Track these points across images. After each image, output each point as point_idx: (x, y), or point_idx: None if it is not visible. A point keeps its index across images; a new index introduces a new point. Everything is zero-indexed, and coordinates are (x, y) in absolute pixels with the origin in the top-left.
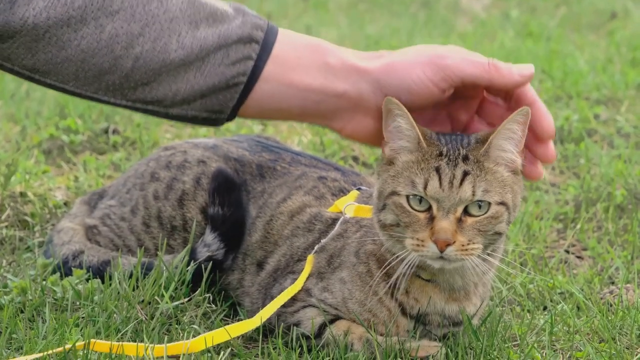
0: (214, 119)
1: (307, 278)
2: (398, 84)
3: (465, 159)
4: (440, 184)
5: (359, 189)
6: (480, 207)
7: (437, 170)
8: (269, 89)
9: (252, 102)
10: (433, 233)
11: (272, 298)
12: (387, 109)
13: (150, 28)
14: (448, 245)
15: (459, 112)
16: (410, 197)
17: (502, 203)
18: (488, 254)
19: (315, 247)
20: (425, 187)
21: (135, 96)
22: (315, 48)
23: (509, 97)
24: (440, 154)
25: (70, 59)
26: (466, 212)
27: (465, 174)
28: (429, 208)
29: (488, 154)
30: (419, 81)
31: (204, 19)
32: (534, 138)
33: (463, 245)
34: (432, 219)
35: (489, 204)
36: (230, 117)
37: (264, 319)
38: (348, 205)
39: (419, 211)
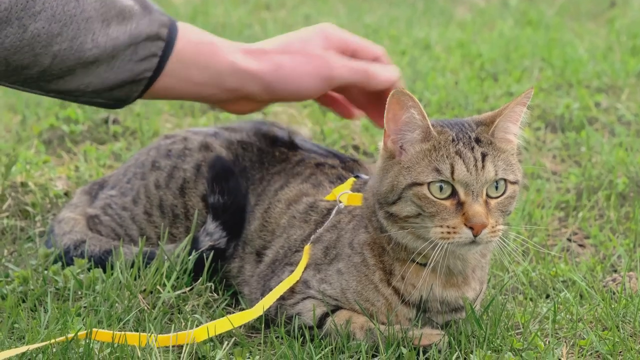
0: (117, 105)
1: (305, 270)
2: (287, 89)
3: (478, 141)
4: (467, 167)
5: (356, 177)
6: (497, 188)
7: (459, 154)
8: (169, 82)
9: (153, 91)
10: (467, 218)
11: (271, 291)
12: (398, 101)
13: (68, 28)
14: (484, 228)
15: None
16: (431, 185)
17: (516, 182)
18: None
19: (312, 238)
20: (452, 173)
21: (49, 87)
22: (210, 47)
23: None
24: (454, 140)
25: None
26: (486, 194)
27: (484, 155)
28: (452, 194)
29: (495, 135)
30: (306, 90)
31: (114, 17)
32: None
33: (493, 227)
34: (460, 204)
35: (505, 183)
36: (131, 103)
37: (265, 308)
38: (342, 194)
39: (442, 199)
